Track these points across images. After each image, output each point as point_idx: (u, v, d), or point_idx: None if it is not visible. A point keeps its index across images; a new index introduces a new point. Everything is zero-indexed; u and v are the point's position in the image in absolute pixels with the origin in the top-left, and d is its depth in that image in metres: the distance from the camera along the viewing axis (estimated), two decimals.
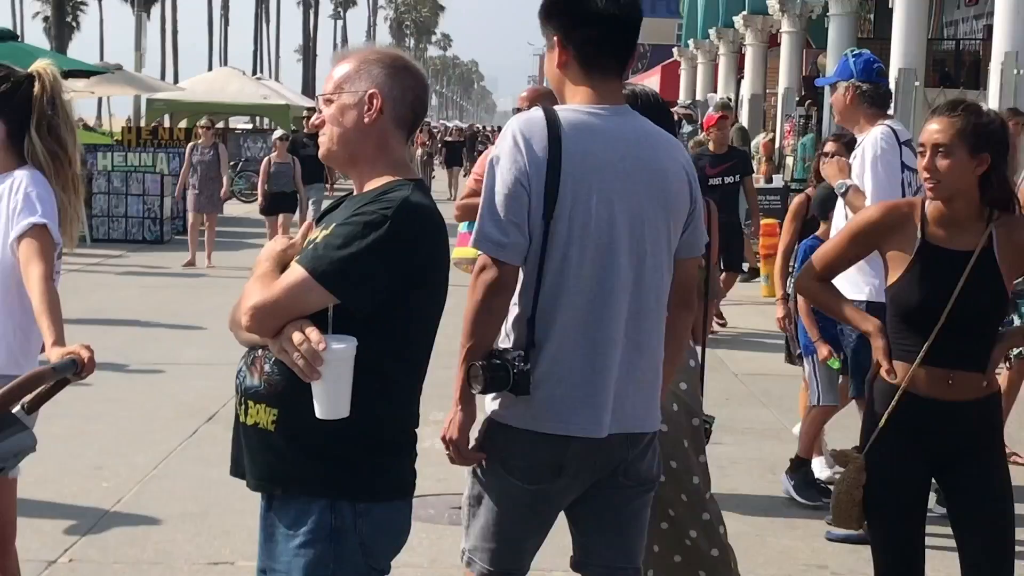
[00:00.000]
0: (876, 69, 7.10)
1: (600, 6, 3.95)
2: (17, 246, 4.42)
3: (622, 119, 4.02)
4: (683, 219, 4.05)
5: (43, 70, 4.64)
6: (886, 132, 6.99)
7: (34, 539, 6.47)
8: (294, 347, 3.22)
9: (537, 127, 3.88)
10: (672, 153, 4.08)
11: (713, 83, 32.77)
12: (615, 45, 4.02)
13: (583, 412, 3.89)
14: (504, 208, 3.83)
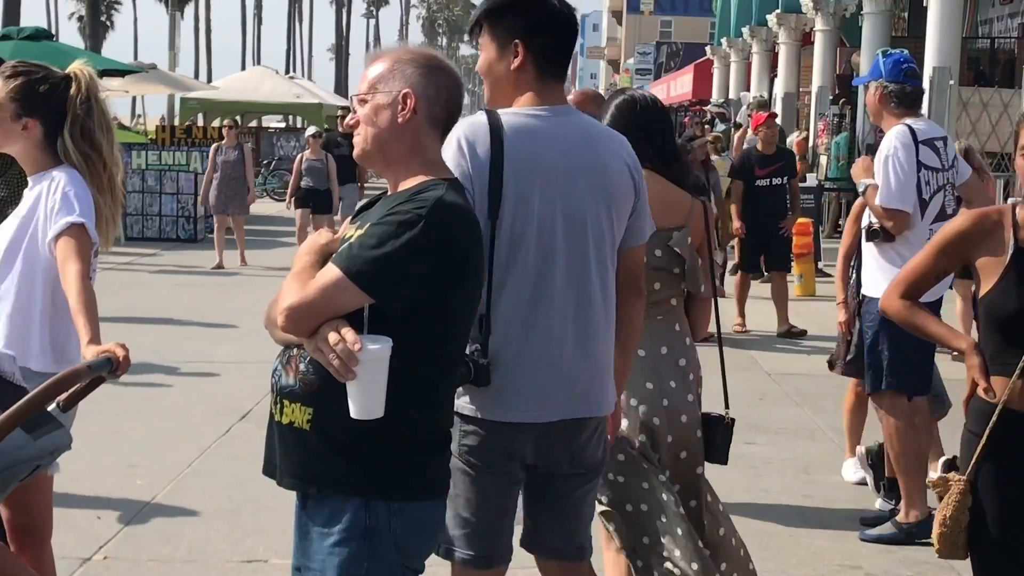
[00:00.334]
0: (904, 69, 7.09)
1: (561, 13, 4.12)
2: (55, 245, 4.44)
3: (564, 119, 4.16)
4: (627, 212, 4.23)
5: (80, 71, 4.67)
6: (901, 131, 7.00)
7: (69, 536, 6.49)
8: (329, 347, 3.23)
9: (481, 131, 4.03)
10: (614, 149, 4.23)
11: (746, 82, 32.69)
12: (567, 51, 4.19)
13: (531, 400, 4.05)
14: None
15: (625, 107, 5.20)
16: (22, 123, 4.59)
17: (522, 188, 4.00)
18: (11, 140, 4.63)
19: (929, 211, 6.97)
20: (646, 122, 5.17)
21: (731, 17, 33.88)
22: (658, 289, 5.14)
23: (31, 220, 4.54)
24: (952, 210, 7.02)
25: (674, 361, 5.21)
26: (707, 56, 40.04)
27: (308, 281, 3.33)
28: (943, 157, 7.04)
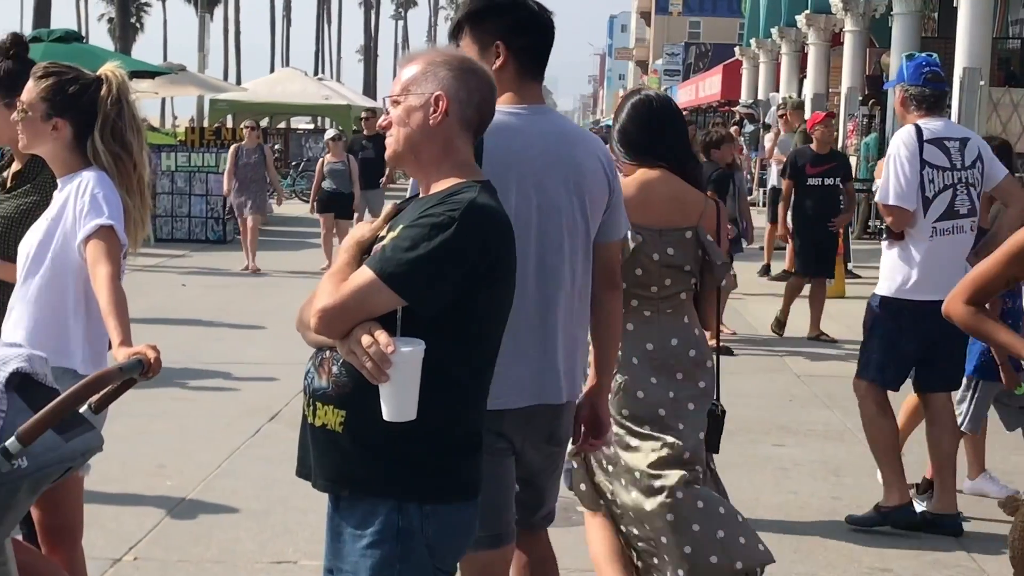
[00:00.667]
0: (925, 73, 7.21)
1: (540, 16, 4.31)
2: (84, 247, 4.46)
3: (541, 117, 4.34)
4: (601, 207, 4.39)
5: (111, 73, 4.68)
6: (907, 130, 7.17)
7: (99, 537, 6.52)
8: (362, 350, 3.23)
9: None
10: (588, 148, 4.38)
11: (775, 82, 32.62)
12: (544, 53, 4.36)
13: (511, 387, 4.19)
14: None
15: (641, 106, 5.31)
16: (52, 123, 4.60)
17: (499, 182, 3.97)
18: (41, 141, 4.65)
19: (933, 209, 7.07)
20: (660, 122, 5.29)
21: (760, 18, 33.81)
22: (669, 285, 5.24)
23: (60, 222, 4.56)
24: (967, 209, 7.11)
25: (684, 352, 5.27)
26: (736, 57, 39.96)
27: (342, 282, 3.33)
28: (954, 157, 7.12)
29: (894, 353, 7.21)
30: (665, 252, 5.19)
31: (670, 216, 5.20)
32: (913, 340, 7.13)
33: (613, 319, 4.57)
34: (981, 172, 7.18)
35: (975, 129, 15.08)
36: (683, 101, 54.34)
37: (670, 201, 5.20)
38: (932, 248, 7.05)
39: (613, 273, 4.52)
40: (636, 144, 5.29)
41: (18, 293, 4.63)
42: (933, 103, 7.22)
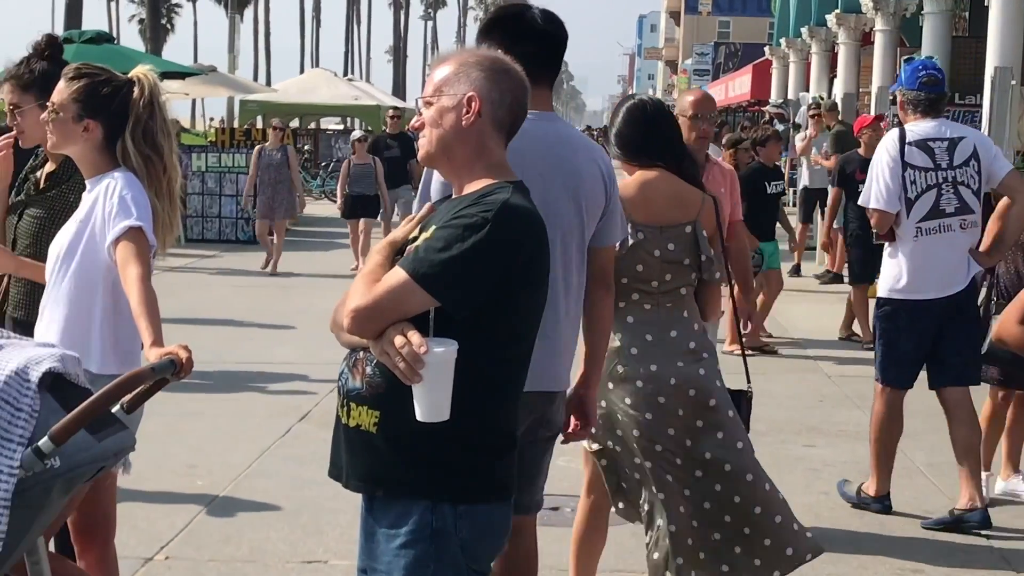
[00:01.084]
0: (921, 77, 7.41)
1: (537, 25, 4.48)
2: (114, 249, 4.47)
3: (547, 124, 4.51)
4: (597, 213, 4.57)
5: (143, 75, 4.70)
6: (890, 134, 7.54)
7: (131, 536, 6.54)
8: (395, 350, 3.24)
9: None
10: (590, 155, 4.56)
11: (805, 82, 32.50)
12: (548, 59, 4.53)
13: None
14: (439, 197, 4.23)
15: (636, 110, 5.52)
16: (83, 125, 4.62)
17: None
18: (71, 141, 4.66)
19: (916, 209, 7.25)
20: (654, 124, 5.49)
21: (790, 17, 33.70)
22: (669, 280, 5.40)
23: (89, 223, 4.57)
24: (954, 208, 7.24)
25: (683, 343, 5.40)
26: (766, 56, 39.80)
27: (375, 282, 3.34)
28: (939, 157, 7.27)
29: (894, 353, 7.38)
30: (666, 248, 5.37)
31: (670, 213, 5.39)
32: (911, 339, 7.31)
33: (604, 318, 4.76)
34: (977, 170, 7.27)
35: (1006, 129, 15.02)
36: None
37: (669, 199, 5.40)
38: (919, 248, 7.23)
39: (606, 275, 4.69)
40: (633, 146, 5.48)
41: (49, 295, 4.65)
42: (928, 106, 7.41)
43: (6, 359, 3.66)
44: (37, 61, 5.26)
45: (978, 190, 7.27)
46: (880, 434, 7.51)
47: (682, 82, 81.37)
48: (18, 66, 5.28)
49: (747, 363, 5.95)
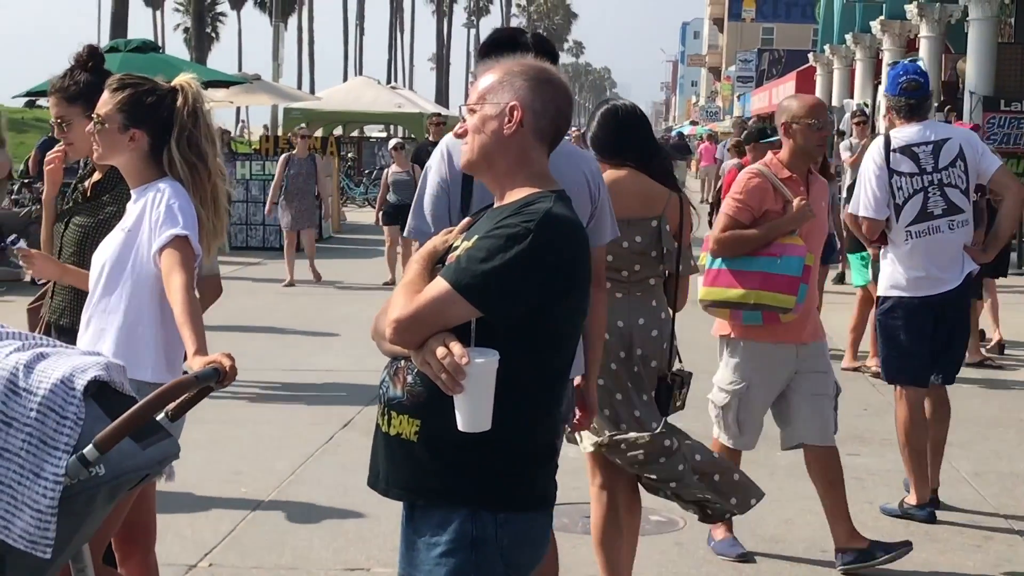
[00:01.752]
0: (901, 83, 7.62)
1: (526, 45, 4.76)
2: (159, 257, 4.49)
3: None
4: (585, 218, 4.67)
5: (186, 83, 4.72)
6: (875, 142, 7.72)
7: (174, 543, 6.57)
8: (437, 361, 3.24)
9: (458, 144, 4.43)
10: (575, 163, 4.75)
11: (849, 89, 32.41)
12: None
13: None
14: (430, 206, 4.73)
15: (608, 115, 5.92)
16: (129, 134, 4.64)
17: (486, 191, 4.18)
18: (117, 152, 4.69)
19: (905, 214, 7.48)
20: (624, 127, 5.86)
21: (834, 24, 33.61)
22: (638, 270, 5.81)
23: (135, 233, 4.59)
24: (942, 210, 7.44)
25: (648, 331, 5.85)
26: (810, 63, 39.73)
27: (417, 292, 3.34)
28: (924, 161, 7.47)
29: (897, 349, 7.59)
30: (633, 240, 5.73)
31: (636, 208, 5.73)
32: (909, 334, 7.52)
33: (600, 313, 4.95)
34: (964, 170, 7.48)
35: None
36: (756, 107, 54.05)
37: (635, 195, 5.74)
38: (910, 250, 7.47)
39: (599, 274, 4.81)
40: (605, 148, 5.84)
41: (95, 304, 4.67)
42: (911, 111, 7.60)
43: (52, 367, 3.68)
44: (80, 73, 5.28)
45: (966, 189, 7.49)
46: (908, 439, 7.59)
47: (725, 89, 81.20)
48: (62, 78, 5.31)
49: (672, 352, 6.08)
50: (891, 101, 7.67)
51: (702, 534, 7.10)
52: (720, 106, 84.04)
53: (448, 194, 4.72)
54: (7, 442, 3.57)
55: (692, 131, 68.77)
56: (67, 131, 5.25)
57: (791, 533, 7.18)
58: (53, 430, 3.58)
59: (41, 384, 3.61)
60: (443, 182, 4.74)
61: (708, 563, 6.70)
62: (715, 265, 6.62)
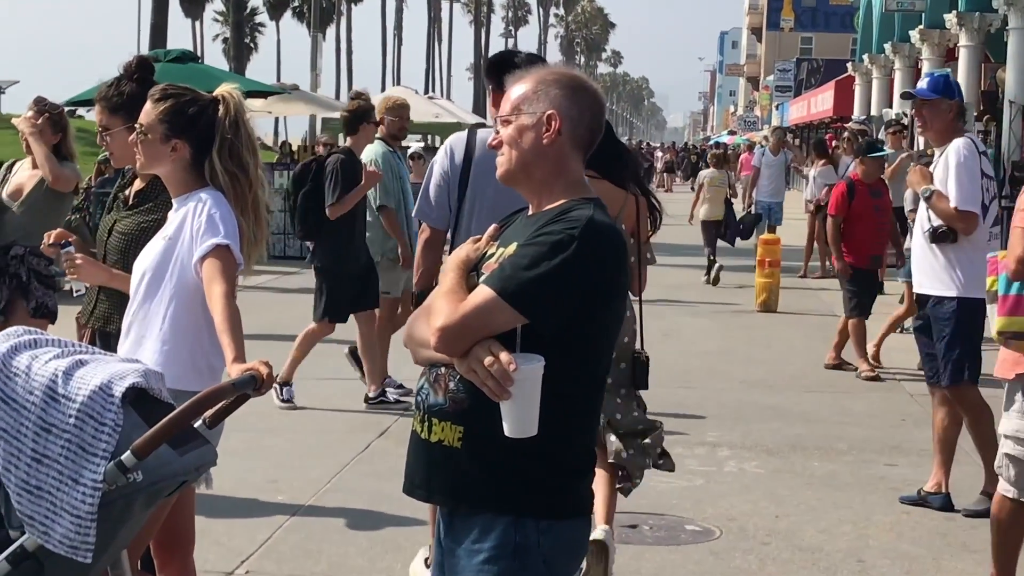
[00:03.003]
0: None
1: (516, 64, 5.38)
2: (200, 266, 4.52)
3: None
4: None
5: (228, 94, 4.75)
6: (968, 143, 7.73)
7: (211, 551, 6.60)
8: (483, 368, 3.25)
9: (460, 143, 6.12)
10: None
11: (888, 98, 32.26)
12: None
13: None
14: (434, 193, 6.06)
15: None
16: (171, 145, 4.68)
17: (478, 183, 5.91)
18: (159, 162, 4.73)
19: (988, 215, 7.69)
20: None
21: (873, 33, 33.48)
22: None
23: (177, 242, 4.63)
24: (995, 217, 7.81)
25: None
26: (848, 73, 39.57)
27: (459, 300, 3.35)
28: (989, 169, 7.80)
29: (974, 349, 7.74)
30: None
31: None
32: (978, 334, 7.71)
33: None
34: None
35: None
36: (795, 117, 53.92)
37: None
38: (986, 251, 7.42)
39: None
40: None
41: (136, 312, 4.70)
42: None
43: (90, 374, 3.71)
44: (127, 83, 5.33)
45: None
46: (982, 428, 7.72)
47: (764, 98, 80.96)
48: (108, 87, 5.36)
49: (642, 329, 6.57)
50: (961, 106, 7.81)
51: (738, 543, 7.10)
52: (758, 116, 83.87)
53: (448, 184, 5.98)
54: (46, 448, 3.61)
55: (730, 140, 68.68)
56: (109, 140, 5.30)
57: (828, 543, 7.16)
58: (92, 436, 3.61)
59: (80, 391, 3.65)
60: (445, 174, 6.01)
61: (743, 572, 6.69)
62: (1013, 291, 5.89)
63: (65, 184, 8.52)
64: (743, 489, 8.24)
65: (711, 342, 14.39)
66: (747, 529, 7.38)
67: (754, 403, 10.90)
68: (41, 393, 3.64)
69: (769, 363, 13.03)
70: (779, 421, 10.22)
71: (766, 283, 16.91)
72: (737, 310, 16.91)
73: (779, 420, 10.26)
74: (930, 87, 7.81)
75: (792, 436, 9.68)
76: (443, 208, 6.05)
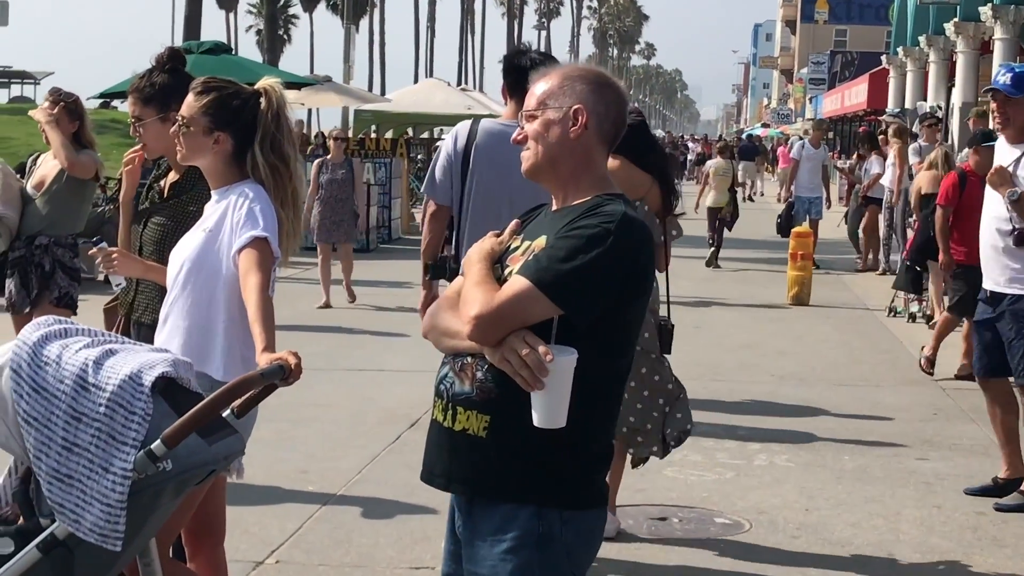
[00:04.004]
0: None
1: (519, 65, 6.46)
2: (238, 257, 4.54)
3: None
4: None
5: (270, 87, 4.77)
6: None
7: (242, 540, 6.63)
8: (518, 357, 3.27)
9: (464, 131, 6.70)
10: None
11: (923, 91, 32.13)
12: (517, 85, 6.42)
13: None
14: (439, 174, 6.70)
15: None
16: (214, 137, 4.69)
17: (479, 165, 6.57)
18: (201, 154, 4.74)
19: None
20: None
21: (907, 26, 33.34)
22: None
23: (218, 234, 4.64)
24: None
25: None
26: (883, 65, 39.42)
27: (492, 291, 3.37)
28: None
29: None
30: None
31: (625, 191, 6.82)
32: None
33: None
34: None
35: None
36: (829, 110, 53.70)
37: (621, 181, 6.52)
38: None
39: None
40: None
41: (174, 303, 4.71)
42: None
43: (120, 363, 3.73)
44: (159, 74, 5.35)
45: None
46: None
47: (797, 91, 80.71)
48: (141, 78, 5.38)
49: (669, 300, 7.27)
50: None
51: (768, 536, 7.09)
52: (792, 108, 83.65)
53: (451, 167, 6.65)
54: (77, 437, 3.63)
55: (764, 133, 68.50)
56: (142, 131, 5.33)
57: (858, 537, 7.14)
58: (122, 425, 3.64)
59: (110, 380, 3.67)
60: (449, 157, 6.66)
61: (774, 566, 6.68)
62: None
63: (82, 170, 8.58)
64: (773, 482, 8.22)
65: (742, 335, 14.36)
66: (777, 522, 7.37)
67: (785, 396, 10.88)
68: (71, 382, 3.67)
69: (800, 356, 13.00)
70: (810, 415, 10.20)
71: (798, 276, 16.88)
72: (769, 303, 16.87)
73: (810, 414, 10.23)
74: (1014, 84, 7.57)
75: (823, 430, 9.66)
76: (445, 188, 6.70)
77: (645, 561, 6.62)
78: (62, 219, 8.78)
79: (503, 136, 6.28)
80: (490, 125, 6.70)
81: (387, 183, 24.44)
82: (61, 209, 8.71)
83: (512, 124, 6.23)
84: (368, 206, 22.52)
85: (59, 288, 8.71)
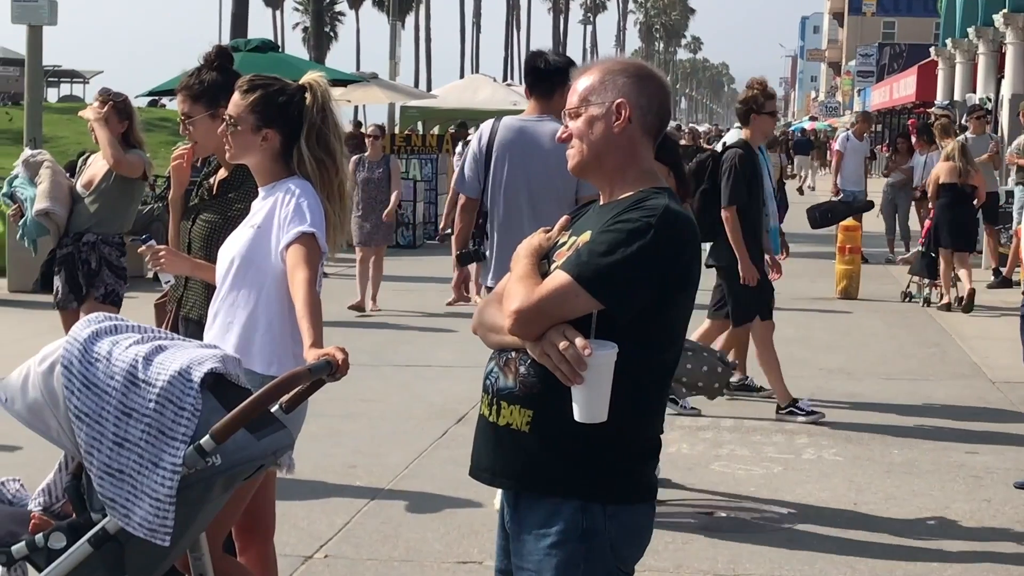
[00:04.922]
0: None
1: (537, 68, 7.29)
2: (286, 253, 4.57)
3: (542, 124, 7.23)
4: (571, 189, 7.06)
5: (315, 82, 4.79)
6: None
7: (291, 535, 6.67)
8: (558, 352, 3.28)
9: (487, 129, 7.41)
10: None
11: (972, 83, 31.90)
12: (542, 85, 7.27)
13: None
14: (468, 169, 7.39)
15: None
16: (262, 134, 4.72)
17: (500, 160, 7.25)
18: (250, 152, 4.77)
19: None
20: None
21: (956, 17, 33.11)
22: None
23: (267, 230, 4.67)
24: None
25: None
26: (931, 57, 39.15)
27: (535, 286, 3.37)
28: None
29: None
30: None
31: None
32: None
33: None
34: None
35: None
36: (877, 103, 53.41)
37: None
38: None
39: None
40: None
41: (223, 299, 4.74)
42: None
43: (170, 359, 3.77)
44: (207, 72, 5.40)
45: None
46: None
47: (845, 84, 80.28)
48: (189, 76, 5.43)
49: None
50: None
51: (814, 528, 7.07)
52: (840, 101, 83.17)
53: (477, 162, 7.31)
54: (127, 432, 3.67)
55: (811, 126, 68.20)
56: (191, 129, 5.37)
57: (907, 530, 7.11)
58: (171, 421, 3.67)
59: (160, 376, 3.70)
60: (475, 153, 7.36)
61: (821, 559, 6.66)
62: None
63: (129, 169, 8.66)
64: (821, 476, 8.20)
65: (790, 329, 14.28)
66: (825, 516, 7.34)
67: (833, 390, 10.83)
68: (122, 378, 3.70)
69: (849, 350, 12.94)
70: (858, 408, 10.15)
71: (846, 270, 16.80)
72: (816, 297, 16.79)
73: (858, 407, 10.19)
74: None
75: (871, 423, 9.61)
76: (473, 183, 7.38)
77: (692, 553, 6.61)
78: (110, 218, 8.86)
79: (520, 130, 7.27)
80: (509, 121, 7.38)
81: (433, 179, 24.47)
82: (109, 208, 8.79)
83: (530, 119, 7.33)
84: (414, 202, 22.54)
85: (105, 285, 8.79)
